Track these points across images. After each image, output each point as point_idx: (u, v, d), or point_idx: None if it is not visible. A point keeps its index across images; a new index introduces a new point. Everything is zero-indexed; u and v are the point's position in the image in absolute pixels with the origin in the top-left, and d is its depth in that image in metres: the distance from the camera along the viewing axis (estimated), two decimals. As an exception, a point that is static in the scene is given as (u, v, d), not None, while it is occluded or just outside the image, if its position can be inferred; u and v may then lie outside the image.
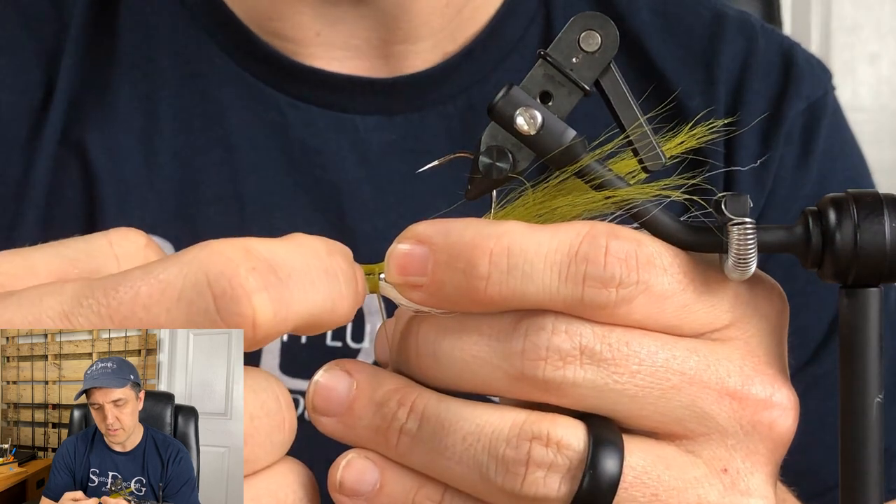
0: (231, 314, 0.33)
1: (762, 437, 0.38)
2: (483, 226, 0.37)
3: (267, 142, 0.69)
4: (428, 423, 0.37)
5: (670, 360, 0.37)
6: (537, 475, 0.36)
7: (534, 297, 0.36)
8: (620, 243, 0.36)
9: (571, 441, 0.36)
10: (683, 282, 0.37)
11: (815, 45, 1.80)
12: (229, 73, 0.70)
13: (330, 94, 0.70)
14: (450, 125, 0.70)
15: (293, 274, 0.34)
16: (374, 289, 0.39)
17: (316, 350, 0.68)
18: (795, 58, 0.76)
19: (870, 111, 1.76)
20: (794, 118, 0.74)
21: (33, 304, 0.33)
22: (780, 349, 0.40)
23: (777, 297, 0.40)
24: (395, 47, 0.70)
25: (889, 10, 1.79)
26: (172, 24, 0.71)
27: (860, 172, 0.78)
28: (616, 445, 0.37)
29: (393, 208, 0.69)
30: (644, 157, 0.38)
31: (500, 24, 0.72)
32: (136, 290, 0.33)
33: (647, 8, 0.75)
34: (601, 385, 0.36)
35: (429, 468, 0.38)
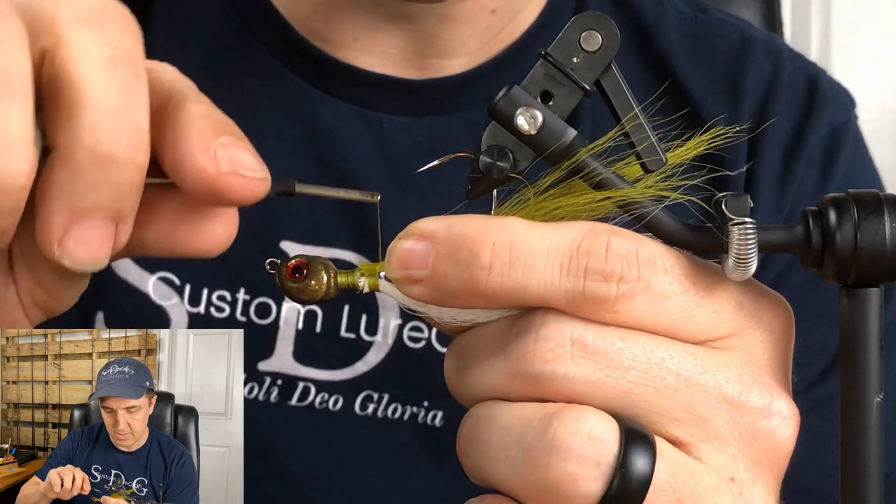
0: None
1: (763, 447, 0.38)
2: (485, 220, 0.37)
3: (294, 132, 0.70)
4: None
5: (666, 360, 0.37)
6: (566, 466, 0.35)
7: (535, 289, 0.36)
8: (622, 240, 0.36)
9: (602, 434, 0.36)
10: (685, 284, 0.37)
11: (815, 45, 1.79)
12: (262, 62, 0.71)
13: (359, 90, 0.70)
14: (475, 131, 0.70)
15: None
16: (375, 287, 0.39)
17: (329, 340, 0.68)
18: (820, 83, 0.77)
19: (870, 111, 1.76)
20: (817, 143, 0.74)
21: None
22: (782, 363, 0.39)
23: (783, 312, 0.39)
24: (430, 60, 0.71)
25: (889, 10, 1.79)
26: (209, 11, 0.72)
27: None
28: (649, 442, 0.36)
29: (413, 208, 0.69)
30: (645, 157, 0.38)
31: (534, 37, 0.72)
32: None
33: (675, 30, 0.76)
34: (594, 379, 0.36)
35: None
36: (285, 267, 0.39)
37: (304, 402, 0.69)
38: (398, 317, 0.68)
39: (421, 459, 0.69)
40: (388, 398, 0.68)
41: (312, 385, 0.68)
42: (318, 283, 0.39)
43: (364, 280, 0.39)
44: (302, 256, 0.39)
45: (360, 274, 0.39)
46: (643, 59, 0.74)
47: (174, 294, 0.68)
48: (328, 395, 0.69)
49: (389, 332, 0.68)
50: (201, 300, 0.68)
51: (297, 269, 0.39)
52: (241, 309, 0.68)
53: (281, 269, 0.39)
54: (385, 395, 0.68)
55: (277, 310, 0.68)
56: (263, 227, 0.68)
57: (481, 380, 0.38)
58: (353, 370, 0.69)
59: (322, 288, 0.39)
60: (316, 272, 0.39)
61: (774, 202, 0.73)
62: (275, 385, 0.69)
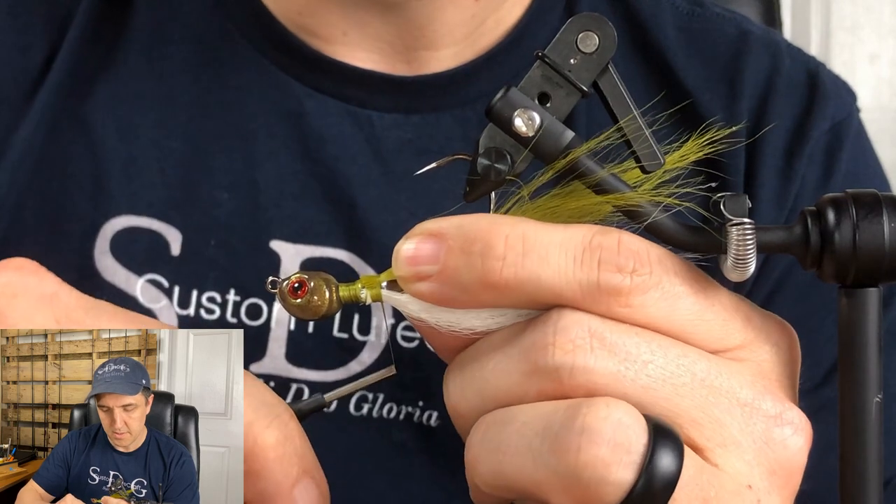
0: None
1: (777, 456, 0.38)
2: (496, 216, 0.38)
3: (283, 130, 0.70)
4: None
5: (682, 358, 0.37)
6: (598, 450, 0.35)
7: (549, 280, 0.36)
8: (632, 239, 0.37)
9: (632, 422, 0.35)
10: (694, 287, 0.37)
11: (815, 45, 1.79)
12: (249, 59, 0.70)
13: (348, 87, 0.70)
14: (465, 129, 0.70)
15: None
16: (377, 298, 0.39)
17: (322, 340, 0.68)
18: (821, 78, 0.76)
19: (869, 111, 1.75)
20: (818, 138, 0.74)
21: None
22: (790, 380, 0.39)
23: (789, 332, 0.40)
24: (418, 52, 0.70)
25: (889, 10, 1.79)
26: (195, 8, 0.71)
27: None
28: (676, 438, 0.35)
29: (403, 206, 0.69)
30: (643, 159, 0.38)
31: (523, 33, 0.72)
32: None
33: (671, 24, 0.75)
34: (614, 372, 0.36)
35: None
36: (286, 284, 0.39)
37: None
38: (391, 315, 0.68)
39: (418, 459, 0.68)
40: (383, 398, 0.68)
41: (306, 386, 0.68)
42: (321, 299, 0.39)
43: (366, 292, 0.40)
44: (301, 273, 0.39)
45: (361, 286, 0.40)
46: (639, 54, 0.74)
47: (163, 296, 0.67)
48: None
49: (383, 332, 0.68)
50: (191, 302, 0.67)
51: (297, 286, 0.39)
52: (232, 310, 0.67)
53: (281, 286, 0.39)
54: (380, 396, 0.68)
55: (268, 311, 0.67)
56: (253, 226, 0.67)
57: (493, 385, 0.38)
58: (347, 370, 0.68)
59: (325, 303, 0.39)
60: (317, 288, 0.39)
61: (776, 199, 0.72)
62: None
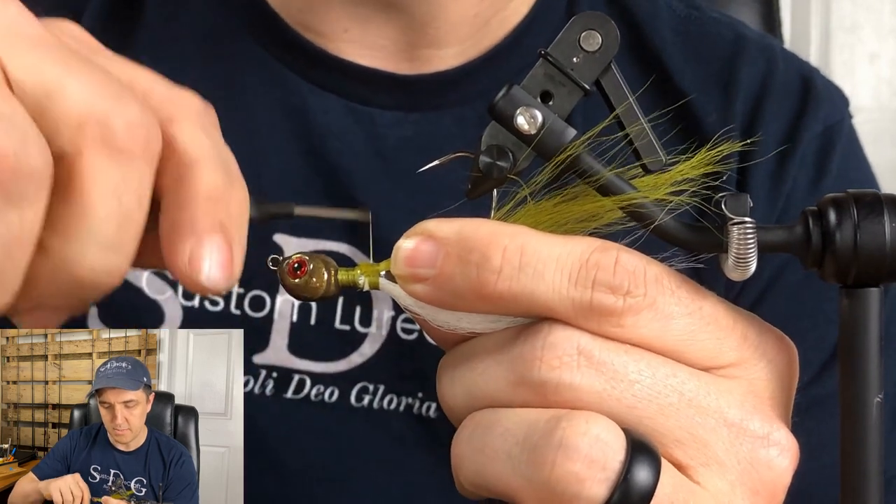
0: None
1: (761, 476, 0.38)
2: (497, 225, 0.37)
3: (287, 126, 0.70)
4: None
5: (670, 377, 0.37)
6: (572, 466, 0.35)
7: (542, 296, 0.36)
8: (631, 257, 0.37)
9: (609, 439, 0.35)
10: (690, 307, 0.37)
11: (814, 45, 1.80)
12: (254, 56, 0.71)
13: (350, 84, 0.70)
14: (466, 127, 0.71)
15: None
16: (375, 285, 0.39)
17: (324, 332, 0.68)
18: (814, 82, 0.76)
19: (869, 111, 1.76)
20: (810, 141, 0.74)
21: None
22: (784, 397, 0.39)
23: (786, 348, 0.40)
24: (420, 51, 0.71)
25: (889, 10, 1.79)
26: (200, 7, 0.72)
27: None
28: (654, 455, 0.36)
29: (404, 203, 0.69)
30: (644, 157, 0.38)
31: (524, 33, 0.72)
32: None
33: (668, 27, 0.76)
34: (599, 390, 0.36)
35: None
36: (286, 264, 0.39)
37: (300, 395, 0.69)
38: (392, 308, 0.69)
39: (417, 450, 0.69)
40: (384, 389, 0.69)
41: (308, 377, 0.68)
42: (319, 280, 0.39)
43: (364, 279, 0.39)
44: (303, 253, 0.39)
45: (359, 272, 0.39)
46: (636, 56, 0.74)
47: (168, 288, 0.68)
48: (323, 387, 0.69)
49: (384, 324, 0.68)
50: (195, 293, 0.68)
51: (297, 266, 0.39)
52: (236, 302, 0.68)
53: (282, 265, 0.39)
54: (380, 387, 0.68)
55: (272, 302, 0.68)
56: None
57: (481, 388, 0.38)
58: (349, 362, 0.69)
59: (322, 285, 0.39)
60: (316, 269, 0.39)
61: (767, 200, 0.73)
62: (270, 378, 0.69)
